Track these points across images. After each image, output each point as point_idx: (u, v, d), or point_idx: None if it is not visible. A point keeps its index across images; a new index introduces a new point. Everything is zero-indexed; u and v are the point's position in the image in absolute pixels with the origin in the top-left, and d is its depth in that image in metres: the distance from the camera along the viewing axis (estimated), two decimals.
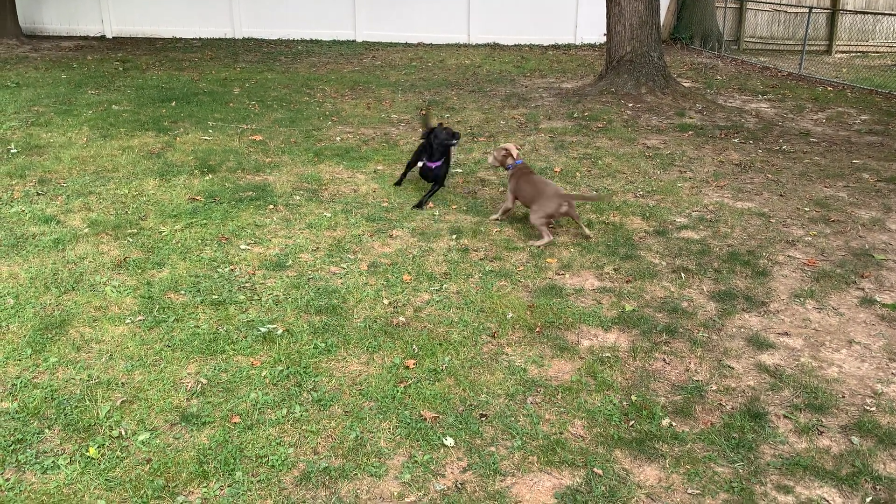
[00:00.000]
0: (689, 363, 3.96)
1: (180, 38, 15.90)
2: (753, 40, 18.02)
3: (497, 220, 5.88)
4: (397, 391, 3.60)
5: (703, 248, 5.46)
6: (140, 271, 4.76)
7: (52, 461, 3.06)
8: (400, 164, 7.27)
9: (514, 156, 5.81)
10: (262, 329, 4.09)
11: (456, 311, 4.42)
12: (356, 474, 3.06)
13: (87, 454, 3.10)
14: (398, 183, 6.65)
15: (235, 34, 16.25)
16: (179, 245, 5.16)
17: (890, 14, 17.80)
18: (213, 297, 4.45)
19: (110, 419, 3.33)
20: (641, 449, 3.27)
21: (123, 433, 3.25)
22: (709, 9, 17.29)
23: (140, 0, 15.80)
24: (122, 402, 3.45)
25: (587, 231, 5.59)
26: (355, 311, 4.37)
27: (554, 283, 4.82)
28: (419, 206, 6.12)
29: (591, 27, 16.65)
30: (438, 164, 6.25)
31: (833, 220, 6.12)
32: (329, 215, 5.82)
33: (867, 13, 17.71)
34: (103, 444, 3.17)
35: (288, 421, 3.37)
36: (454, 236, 5.52)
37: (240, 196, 6.14)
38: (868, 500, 3.01)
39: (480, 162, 7.46)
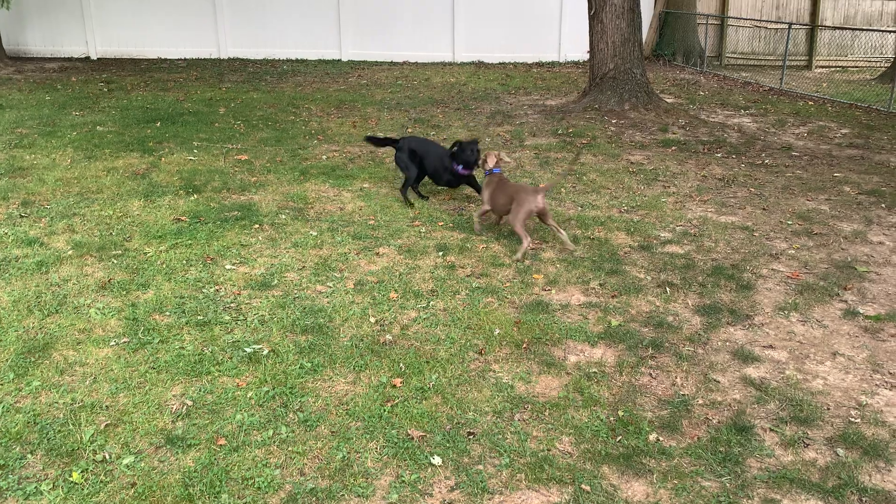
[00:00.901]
0: (676, 377, 3.97)
1: (165, 59, 15.93)
2: (735, 56, 18.26)
3: (478, 231, 5.95)
4: (384, 410, 3.58)
5: (688, 262, 5.50)
6: (125, 293, 4.73)
7: (35, 487, 3.03)
8: (387, 182, 7.29)
9: (495, 163, 5.96)
10: (248, 349, 4.07)
11: (443, 329, 4.42)
12: (343, 495, 3.04)
13: (71, 479, 3.07)
14: (414, 201, 6.73)
15: (221, 54, 16.30)
16: (164, 266, 5.14)
17: (868, 29, 18.09)
18: (199, 317, 4.43)
19: (94, 443, 3.30)
20: (629, 464, 3.27)
21: (108, 457, 3.21)
22: (690, 25, 17.52)
23: (125, 21, 15.85)
24: (107, 425, 3.42)
25: (570, 245, 5.63)
26: (342, 329, 4.36)
27: (540, 299, 4.84)
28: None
29: (574, 45, 16.82)
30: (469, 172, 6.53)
31: (816, 233, 6.18)
32: (315, 234, 5.82)
33: (846, 29, 17.99)
34: (87, 469, 3.14)
35: (274, 442, 3.34)
36: (440, 253, 5.53)
37: (225, 216, 6.13)
38: None
39: None
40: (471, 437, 3.43)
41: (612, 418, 3.59)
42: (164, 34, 16.02)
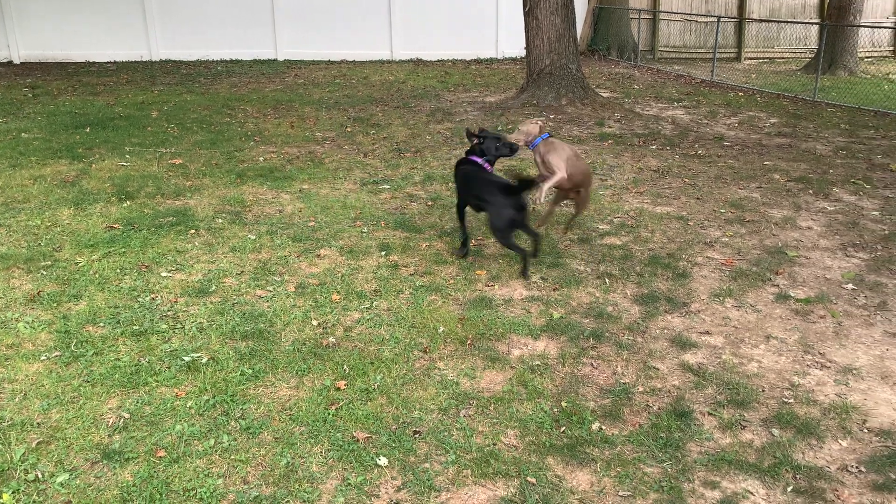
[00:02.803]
0: (616, 366, 4.04)
1: (94, 62, 15.45)
2: (667, 49, 18.66)
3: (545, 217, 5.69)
4: (328, 414, 3.55)
5: (626, 253, 5.59)
6: (55, 305, 4.57)
7: None
8: (326, 182, 7.21)
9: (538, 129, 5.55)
10: (186, 358, 3.98)
11: (387, 329, 4.40)
12: (288, 501, 3.00)
13: (1, 501, 2.95)
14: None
15: (152, 56, 15.89)
16: (97, 275, 4.98)
17: (792, 21, 18.72)
18: (134, 327, 4.31)
19: (26, 462, 3.17)
20: (573, 454, 3.31)
21: (40, 476, 3.10)
22: (624, 20, 17.83)
23: (49, 24, 15.30)
24: (39, 443, 3.30)
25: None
26: (283, 334, 4.29)
27: (484, 295, 4.86)
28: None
29: (511, 41, 16.94)
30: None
31: (748, 221, 6.36)
32: (253, 237, 5.72)
33: (772, 21, 18.58)
34: (18, 489, 3.02)
35: (216, 451, 3.27)
36: (383, 253, 5.50)
37: (160, 222, 5.97)
38: (789, 489, 3.12)
39: (408, 177, 7.47)
40: (417, 435, 3.42)
41: (555, 409, 3.63)
42: (91, 37, 15.52)
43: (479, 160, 5.27)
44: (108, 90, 12.19)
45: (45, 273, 5.01)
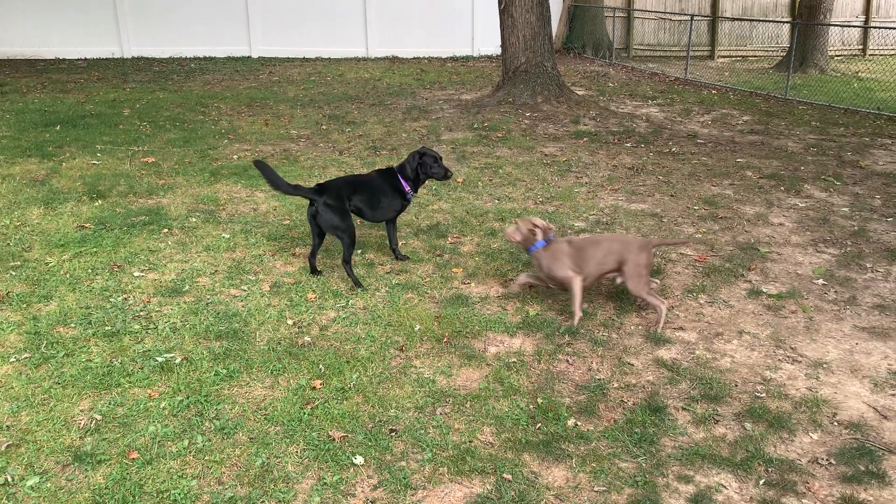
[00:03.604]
0: (591, 362, 4.06)
1: (64, 59, 15.23)
2: (642, 48, 18.80)
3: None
4: (304, 413, 3.53)
5: None
6: (25, 306, 4.49)
7: None
8: (301, 181, 7.16)
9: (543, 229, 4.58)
10: (160, 359, 3.94)
11: (363, 327, 4.38)
12: (263, 501, 2.98)
13: None
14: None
15: (124, 53, 15.70)
16: (68, 276, 4.91)
17: (764, 20, 18.95)
18: (106, 328, 4.25)
19: None
20: (549, 451, 3.32)
21: (10, 479, 3.05)
22: (599, 18, 17.94)
23: (17, 19, 15.05)
24: (8, 446, 3.24)
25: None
26: (258, 333, 4.26)
27: (460, 293, 4.86)
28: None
29: (487, 39, 16.98)
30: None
31: (721, 217, 6.43)
32: (227, 236, 5.67)
33: (744, 20, 18.79)
34: None
35: (190, 452, 3.24)
36: (359, 251, 5.48)
37: (132, 221, 5.90)
38: (761, 482, 3.16)
39: None
40: (393, 434, 3.41)
41: (531, 406, 3.64)
42: (61, 33, 15.30)
43: (402, 180, 5.08)
44: (79, 88, 12.02)
45: (14, 273, 4.93)
